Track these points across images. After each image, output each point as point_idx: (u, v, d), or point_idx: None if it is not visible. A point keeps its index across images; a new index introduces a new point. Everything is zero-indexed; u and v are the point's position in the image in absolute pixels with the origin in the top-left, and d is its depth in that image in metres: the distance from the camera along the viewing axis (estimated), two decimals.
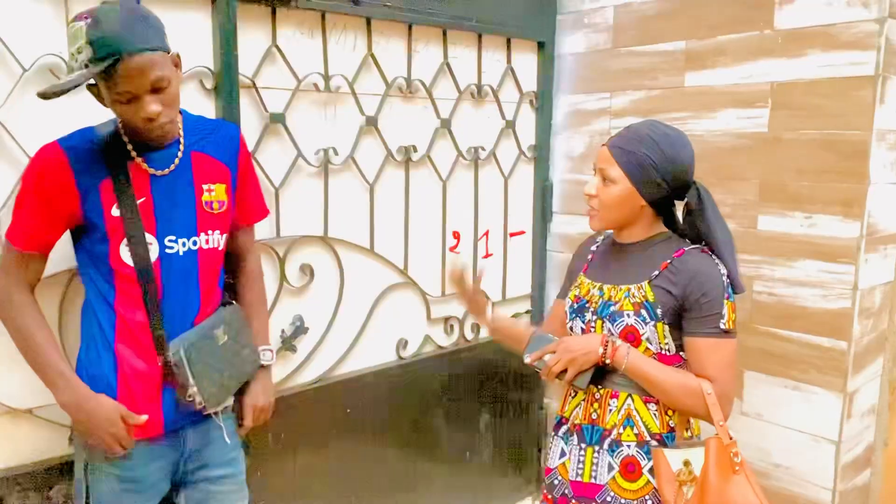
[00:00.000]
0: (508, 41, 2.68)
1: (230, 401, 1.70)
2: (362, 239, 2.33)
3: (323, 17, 2.12)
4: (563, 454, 1.69)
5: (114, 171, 1.45)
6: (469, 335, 2.69)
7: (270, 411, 1.78)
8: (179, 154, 1.54)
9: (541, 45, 2.80)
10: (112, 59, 1.29)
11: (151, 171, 1.50)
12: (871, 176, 2.08)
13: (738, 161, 2.33)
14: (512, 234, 2.83)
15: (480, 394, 2.74)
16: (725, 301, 1.53)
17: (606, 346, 1.55)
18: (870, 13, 2.03)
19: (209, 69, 1.89)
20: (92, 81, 1.37)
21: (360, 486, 2.37)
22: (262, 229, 2.00)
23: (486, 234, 2.73)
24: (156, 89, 1.37)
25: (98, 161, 1.44)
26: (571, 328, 1.71)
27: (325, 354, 2.27)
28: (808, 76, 2.16)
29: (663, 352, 1.58)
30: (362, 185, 2.31)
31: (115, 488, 1.54)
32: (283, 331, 2.15)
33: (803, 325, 2.22)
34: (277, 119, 2.05)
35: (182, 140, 1.55)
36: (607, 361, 1.56)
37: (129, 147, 1.48)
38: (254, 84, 1.99)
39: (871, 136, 2.05)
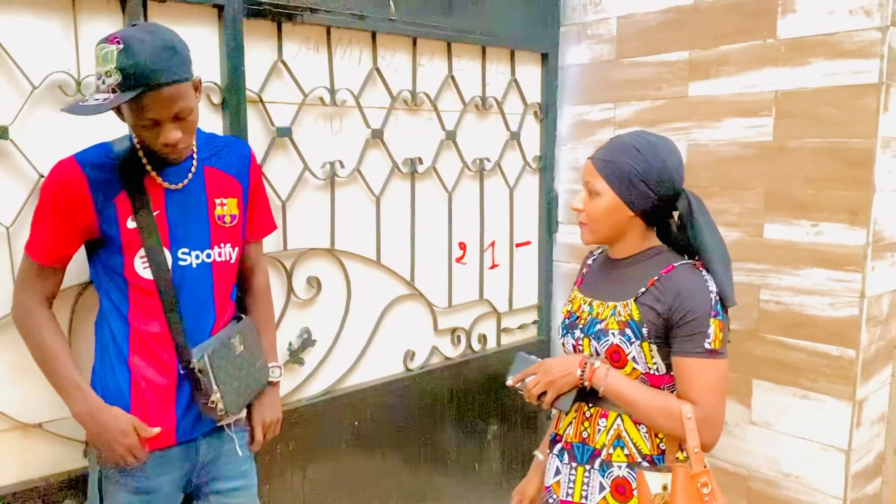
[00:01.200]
0: (512, 53, 2.69)
1: (244, 413, 1.71)
2: (369, 251, 2.34)
3: (328, 31, 2.14)
4: (557, 472, 1.66)
5: (129, 185, 1.47)
6: (476, 346, 2.69)
7: (279, 426, 1.79)
8: (193, 169, 1.57)
9: (544, 57, 2.81)
10: (141, 89, 1.33)
11: (166, 185, 1.53)
12: (877, 183, 2.08)
13: (744, 170, 2.34)
14: (518, 245, 2.83)
15: (488, 404, 2.73)
16: (712, 320, 1.47)
17: (584, 367, 1.53)
18: (872, 21, 2.04)
19: (216, 84, 1.91)
20: None
21: (369, 498, 2.37)
22: (270, 242, 2.01)
23: (493, 244, 2.74)
24: (178, 118, 1.41)
25: (114, 175, 1.47)
26: (563, 344, 1.69)
27: (333, 367, 2.27)
28: (811, 85, 2.17)
29: (651, 371, 1.53)
30: (368, 198, 2.32)
31: (129, 500, 1.54)
32: (290, 343, 2.16)
33: (811, 333, 2.22)
34: (284, 133, 2.07)
35: (196, 156, 1.58)
36: (586, 384, 1.54)
37: (145, 161, 1.50)
38: (260, 99, 2.00)
39: (876, 143, 2.06)
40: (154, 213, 1.50)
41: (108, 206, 1.46)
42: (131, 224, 1.48)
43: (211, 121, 1.91)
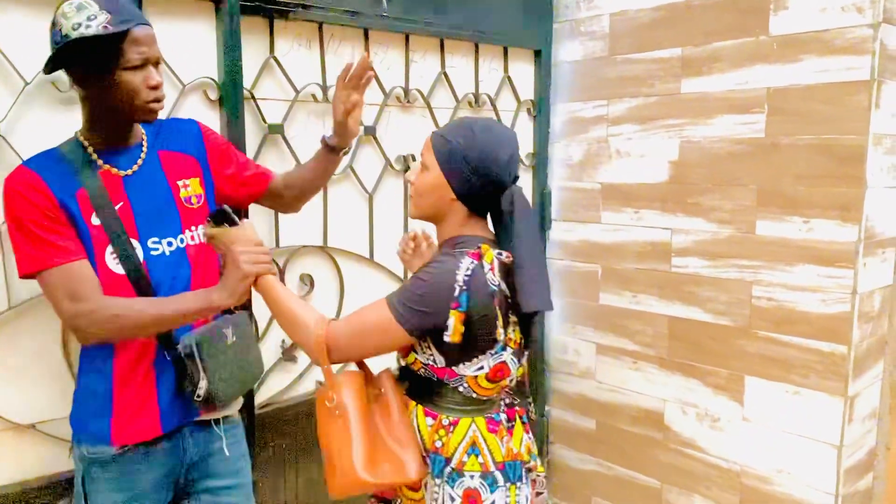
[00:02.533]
0: (505, 50, 2.69)
1: (236, 408, 1.70)
2: (362, 248, 2.33)
3: (320, 28, 2.13)
4: None
5: (85, 180, 1.45)
6: None
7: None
8: (143, 154, 1.55)
9: (537, 54, 2.81)
10: (132, 23, 1.37)
11: (121, 173, 1.50)
12: (868, 180, 2.09)
13: (736, 167, 2.34)
14: None
15: None
16: (452, 311, 1.38)
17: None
18: (864, 18, 2.04)
19: (213, 80, 1.90)
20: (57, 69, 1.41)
21: (360, 497, 2.36)
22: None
23: None
24: (156, 63, 1.44)
25: (67, 173, 1.44)
26: None
27: None
28: (803, 81, 2.17)
29: (431, 363, 1.48)
30: (361, 195, 2.31)
31: (114, 499, 1.53)
32: (283, 341, 2.15)
33: (803, 329, 2.23)
34: (276, 130, 2.06)
35: (145, 141, 1.56)
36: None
37: (94, 155, 1.48)
38: (252, 95, 2.00)
39: (868, 140, 2.06)
40: (117, 207, 1.47)
41: (71, 203, 1.43)
42: (95, 220, 1.45)
43: (208, 117, 1.90)
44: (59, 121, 1.65)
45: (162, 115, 1.53)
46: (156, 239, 1.53)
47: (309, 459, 2.21)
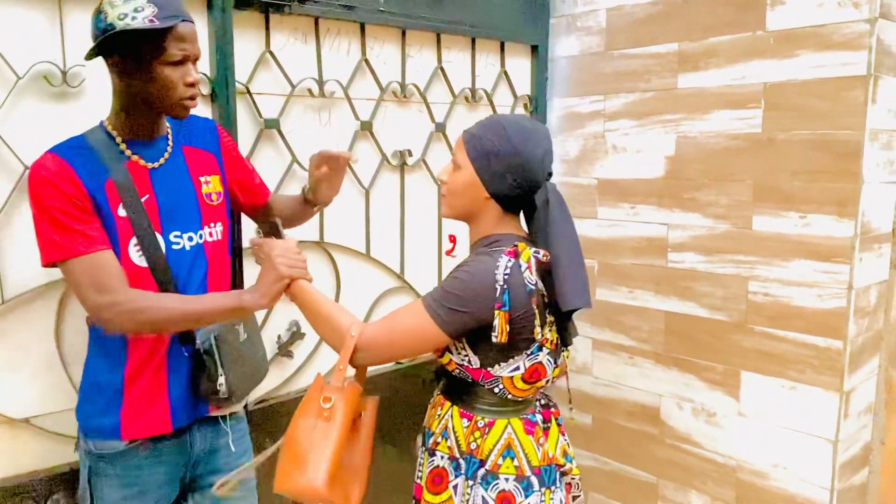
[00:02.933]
0: (502, 45, 2.68)
1: (241, 406, 1.70)
2: (358, 244, 2.33)
3: (316, 22, 2.12)
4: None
5: (113, 171, 1.45)
6: None
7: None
8: (169, 147, 1.55)
9: (534, 49, 2.80)
10: (178, 19, 1.37)
11: (148, 165, 1.50)
12: (865, 175, 2.09)
13: (732, 162, 2.34)
14: None
15: None
16: (497, 312, 1.38)
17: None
18: (861, 13, 2.04)
19: (205, 75, 1.89)
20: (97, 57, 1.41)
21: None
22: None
23: None
24: (195, 61, 1.45)
25: (96, 162, 1.43)
26: None
27: (322, 360, 2.26)
28: (800, 77, 2.17)
29: (465, 363, 1.47)
30: (358, 190, 2.31)
31: (121, 494, 1.53)
32: (279, 336, 2.15)
33: (799, 325, 2.23)
34: (272, 125, 2.05)
35: (170, 135, 1.57)
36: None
37: (123, 146, 1.48)
38: (248, 90, 1.99)
39: (864, 135, 2.06)
40: (143, 199, 1.47)
41: (99, 193, 1.42)
42: (122, 212, 1.45)
43: (200, 112, 1.88)
44: (51, 115, 1.65)
45: None
46: (177, 233, 1.53)
47: None
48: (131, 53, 1.38)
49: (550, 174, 1.48)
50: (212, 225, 1.60)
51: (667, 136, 2.51)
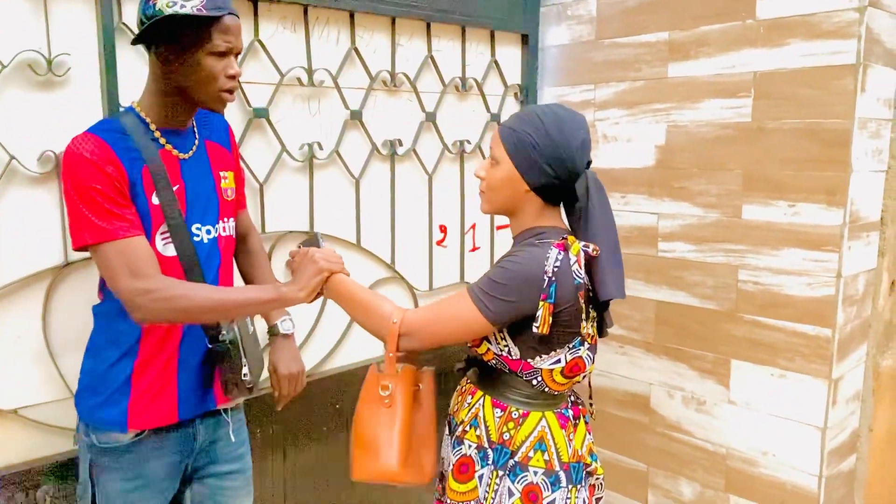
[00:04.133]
0: (492, 34, 2.67)
1: (241, 400, 1.70)
2: (349, 234, 2.32)
3: (305, 11, 2.11)
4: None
5: (149, 158, 1.44)
6: None
7: (303, 379, 1.74)
8: (196, 141, 1.56)
9: (525, 38, 2.79)
10: (225, 10, 1.39)
11: (180, 155, 1.51)
12: (853, 164, 2.10)
13: (722, 151, 2.35)
14: (499, 228, 2.83)
15: None
16: (541, 303, 1.38)
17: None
18: (850, 2, 2.04)
19: None
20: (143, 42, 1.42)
21: (350, 481, 2.36)
22: None
23: (473, 227, 2.73)
24: (236, 54, 1.45)
25: (132, 148, 1.42)
26: None
27: (314, 350, 2.26)
28: (790, 65, 2.17)
29: (504, 354, 1.47)
30: (348, 180, 2.30)
31: (123, 487, 1.51)
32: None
33: (788, 313, 2.24)
34: (261, 114, 2.04)
35: (196, 130, 1.57)
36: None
37: (157, 133, 1.47)
38: None
39: (853, 124, 2.07)
40: (174, 188, 1.47)
41: (137, 180, 1.41)
42: (155, 200, 1.44)
43: None
44: (36, 104, 1.63)
45: None
46: (198, 225, 1.53)
47: (297, 446, 2.21)
48: (176, 41, 1.38)
49: (590, 162, 1.48)
50: (226, 220, 1.60)
51: (657, 126, 2.51)
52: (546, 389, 1.49)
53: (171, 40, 1.38)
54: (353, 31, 2.23)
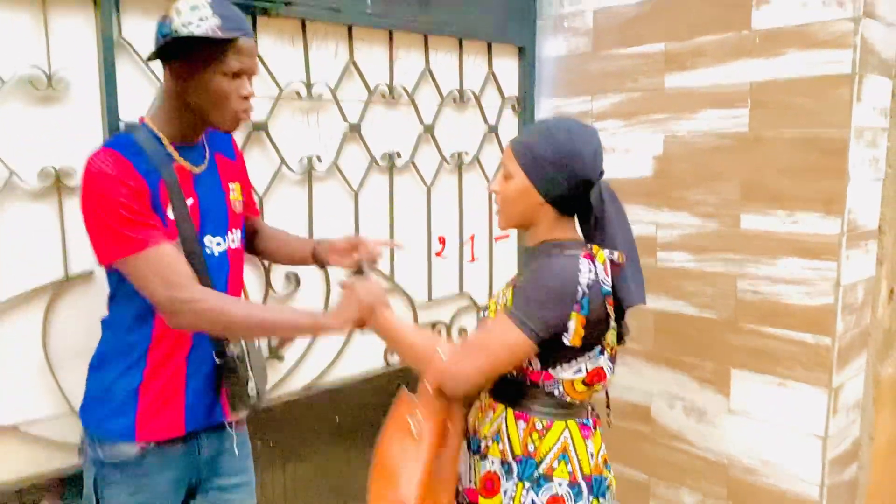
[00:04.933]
0: (489, 46, 2.69)
1: (245, 413, 1.70)
2: None
3: (303, 25, 2.12)
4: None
5: (164, 172, 1.44)
6: (457, 339, 2.69)
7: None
8: (206, 154, 1.56)
9: (521, 50, 2.81)
10: (242, 32, 1.40)
11: (194, 169, 1.51)
12: (851, 173, 2.10)
13: (720, 161, 2.35)
14: (497, 239, 2.83)
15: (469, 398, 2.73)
16: (573, 314, 1.38)
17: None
18: (845, 12, 2.06)
19: None
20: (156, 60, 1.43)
21: (349, 493, 2.36)
22: None
23: (472, 238, 2.74)
24: (250, 76, 1.46)
25: (149, 163, 1.42)
26: None
27: (313, 363, 2.26)
28: (786, 75, 2.19)
29: (526, 365, 1.46)
30: (347, 192, 2.30)
31: (128, 502, 1.51)
32: (269, 339, 2.14)
33: (788, 322, 2.24)
34: (260, 127, 2.05)
35: (206, 143, 1.58)
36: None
37: (171, 148, 1.47)
38: None
39: (850, 133, 2.08)
40: (188, 202, 1.48)
41: (155, 194, 1.42)
42: (171, 214, 1.45)
43: None
44: (35, 119, 1.63)
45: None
46: (209, 237, 1.54)
47: (296, 458, 2.21)
48: (190, 60, 1.39)
49: (602, 172, 1.49)
50: (234, 231, 1.61)
51: (655, 136, 2.52)
52: (567, 399, 1.49)
53: (186, 59, 1.39)
54: (352, 45, 2.24)
